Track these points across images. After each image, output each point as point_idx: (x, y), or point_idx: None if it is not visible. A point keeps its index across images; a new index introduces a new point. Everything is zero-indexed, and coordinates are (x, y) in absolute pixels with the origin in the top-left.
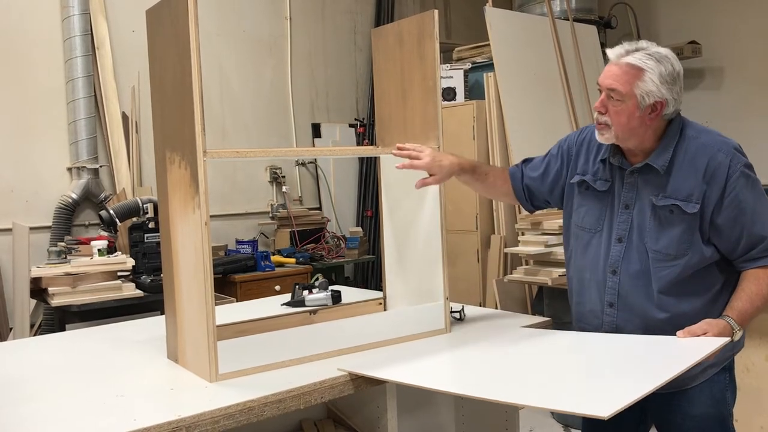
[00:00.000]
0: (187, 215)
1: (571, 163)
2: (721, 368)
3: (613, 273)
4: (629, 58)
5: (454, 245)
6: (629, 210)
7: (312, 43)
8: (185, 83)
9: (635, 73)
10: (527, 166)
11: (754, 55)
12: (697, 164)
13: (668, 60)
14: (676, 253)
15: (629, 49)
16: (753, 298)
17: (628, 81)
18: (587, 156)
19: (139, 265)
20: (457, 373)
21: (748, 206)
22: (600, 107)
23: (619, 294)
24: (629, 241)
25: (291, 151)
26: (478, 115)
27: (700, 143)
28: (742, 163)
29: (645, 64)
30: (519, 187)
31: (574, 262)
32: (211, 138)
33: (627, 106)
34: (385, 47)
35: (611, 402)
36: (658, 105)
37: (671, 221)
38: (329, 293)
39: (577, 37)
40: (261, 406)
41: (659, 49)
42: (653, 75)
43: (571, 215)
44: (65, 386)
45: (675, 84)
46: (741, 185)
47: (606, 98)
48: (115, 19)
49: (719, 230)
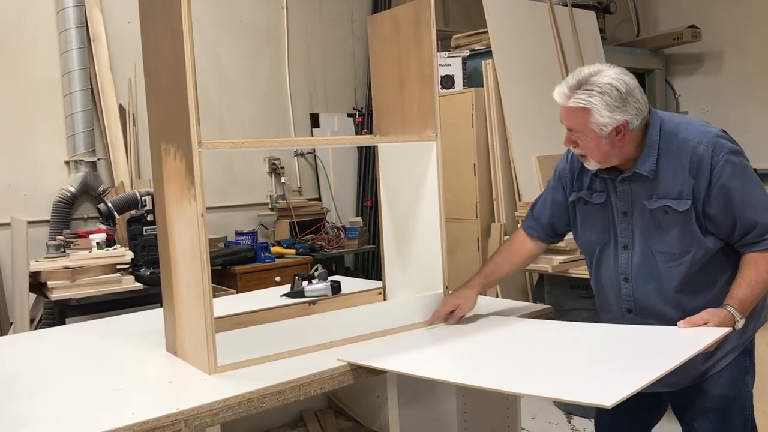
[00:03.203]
0: (184, 207)
1: (567, 185)
2: (741, 351)
3: (625, 280)
4: (572, 101)
5: (454, 234)
6: (627, 217)
7: (309, 33)
8: (179, 74)
9: (583, 114)
10: (536, 211)
11: (753, 39)
12: (682, 160)
13: (611, 87)
14: (680, 251)
15: (571, 85)
16: (753, 285)
17: (580, 121)
18: (580, 174)
19: (138, 257)
20: (457, 363)
21: (737, 193)
22: (568, 143)
23: (635, 299)
24: (634, 248)
25: (287, 141)
26: (476, 103)
27: (681, 139)
28: (726, 150)
29: (588, 102)
30: (545, 236)
31: (594, 275)
32: (209, 129)
33: (590, 138)
34: (381, 35)
35: (614, 391)
36: (620, 127)
37: (668, 221)
38: (329, 284)
39: (575, 22)
40: (260, 398)
41: (601, 76)
42: (600, 109)
43: (578, 234)
44: (64, 380)
45: (627, 103)
46: (727, 173)
47: (571, 135)
48: (111, 11)
49: (713, 220)
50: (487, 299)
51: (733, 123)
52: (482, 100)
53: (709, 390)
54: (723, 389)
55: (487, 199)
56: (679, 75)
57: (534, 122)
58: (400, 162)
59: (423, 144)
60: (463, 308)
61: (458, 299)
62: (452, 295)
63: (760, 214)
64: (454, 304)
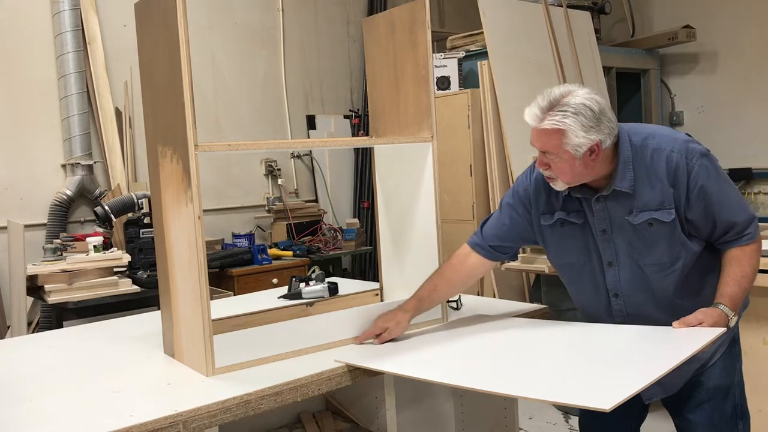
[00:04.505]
0: (180, 209)
1: (532, 206)
2: (731, 339)
3: (615, 296)
4: (546, 123)
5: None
6: (607, 234)
7: (305, 35)
8: (175, 76)
9: (557, 135)
10: (486, 229)
11: (748, 39)
12: (658, 171)
13: (585, 107)
14: (670, 260)
15: (543, 106)
16: (740, 281)
17: (554, 143)
18: (547, 193)
19: (135, 260)
20: (454, 364)
21: (714, 195)
22: (540, 165)
23: (627, 314)
24: (619, 264)
25: (283, 143)
26: (472, 104)
27: (652, 150)
28: (698, 154)
29: (563, 123)
30: (491, 255)
31: (575, 294)
32: (206, 132)
33: (564, 159)
34: (376, 36)
35: (611, 394)
36: (594, 147)
37: (655, 233)
38: (326, 285)
39: (571, 23)
40: (258, 400)
41: (573, 96)
42: (575, 130)
43: (554, 254)
44: (62, 383)
45: (600, 122)
46: (702, 177)
47: (543, 157)
48: (106, 14)
49: (694, 224)
50: (482, 299)
51: (728, 122)
52: (478, 101)
53: (705, 382)
54: (717, 380)
55: (484, 200)
56: (674, 75)
57: None
58: (396, 163)
59: (419, 145)
60: (391, 332)
61: (388, 323)
62: (384, 317)
63: (737, 214)
64: (382, 328)
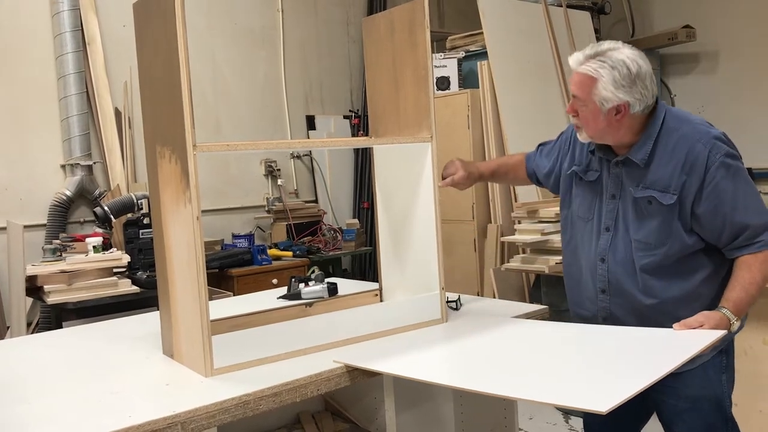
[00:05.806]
0: (179, 210)
1: (567, 154)
2: (717, 351)
3: (602, 261)
4: (584, 67)
5: (450, 235)
6: (615, 200)
7: (305, 35)
8: (174, 77)
9: (589, 83)
10: (539, 154)
11: (748, 39)
12: (677, 155)
13: (624, 64)
14: (655, 242)
15: (589, 54)
16: (747, 287)
17: (585, 89)
18: (581, 148)
19: (134, 261)
20: (453, 365)
21: (728, 196)
22: (570, 111)
23: (609, 281)
24: (616, 230)
25: (283, 143)
26: (472, 104)
27: (680, 134)
28: (723, 153)
29: (597, 72)
30: (531, 172)
31: (571, 250)
32: (205, 132)
33: (590, 110)
34: (376, 37)
35: (609, 396)
36: (621, 107)
37: (650, 212)
38: (325, 286)
39: (570, 23)
40: (257, 400)
41: (618, 52)
42: (606, 83)
43: (570, 205)
44: (61, 384)
45: (634, 85)
46: (721, 175)
47: (575, 102)
48: (106, 14)
49: (700, 220)
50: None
51: (728, 122)
52: (478, 101)
53: (681, 390)
54: (694, 389)
55: (484, 201)
56: (675, 75)
57: (530, 123)
58: (396, 164)
59: (418, 145)
60: (455, 180)
61: (461, 170)
62: (462, 164)
63: (752, 217)
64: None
